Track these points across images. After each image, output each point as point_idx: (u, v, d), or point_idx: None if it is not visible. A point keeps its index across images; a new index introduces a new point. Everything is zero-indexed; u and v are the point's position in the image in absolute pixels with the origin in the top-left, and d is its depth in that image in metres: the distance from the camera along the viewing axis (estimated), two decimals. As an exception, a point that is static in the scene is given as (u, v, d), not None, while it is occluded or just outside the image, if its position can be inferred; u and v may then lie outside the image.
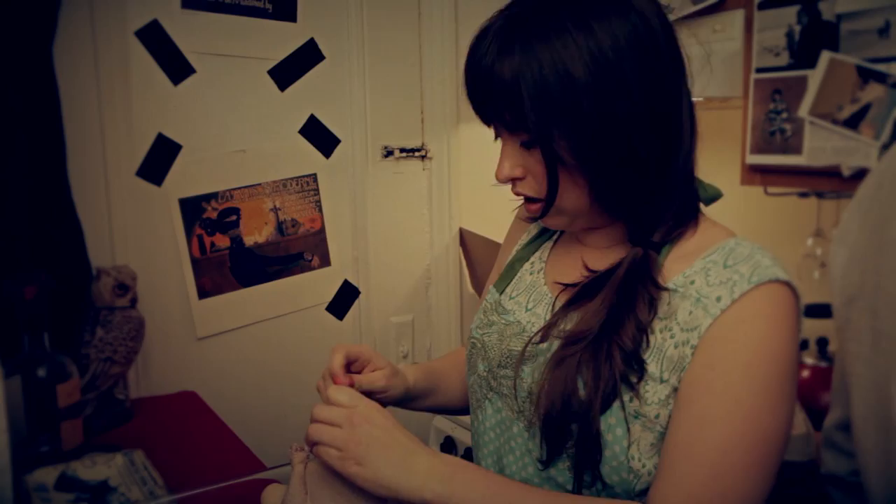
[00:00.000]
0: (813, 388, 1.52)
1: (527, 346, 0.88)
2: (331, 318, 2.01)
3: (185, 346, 1.80)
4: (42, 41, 1.49)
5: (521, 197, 0.89)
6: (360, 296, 2.05)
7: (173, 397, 1.68)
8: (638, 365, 0.79)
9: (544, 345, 0.87)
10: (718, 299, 0.78)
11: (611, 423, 0.79)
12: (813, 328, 1.54)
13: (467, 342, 1.01)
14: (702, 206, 0.89)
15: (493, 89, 0.81)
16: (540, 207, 0.87)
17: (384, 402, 1.01)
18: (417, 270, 2.15)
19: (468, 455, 1.43)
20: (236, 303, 1.85)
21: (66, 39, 1.55)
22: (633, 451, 0.79)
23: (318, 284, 1.98)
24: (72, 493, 1.13)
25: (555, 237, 1.02)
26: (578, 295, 0.87)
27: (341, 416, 0.81)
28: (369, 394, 0.96)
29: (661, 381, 0.79)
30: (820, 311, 1.52)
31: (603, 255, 0.91)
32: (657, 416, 0.79)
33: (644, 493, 0.81)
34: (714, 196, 0.90)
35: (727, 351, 0.77)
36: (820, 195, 1.58)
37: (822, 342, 1.59)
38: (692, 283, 0.81)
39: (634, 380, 0.79)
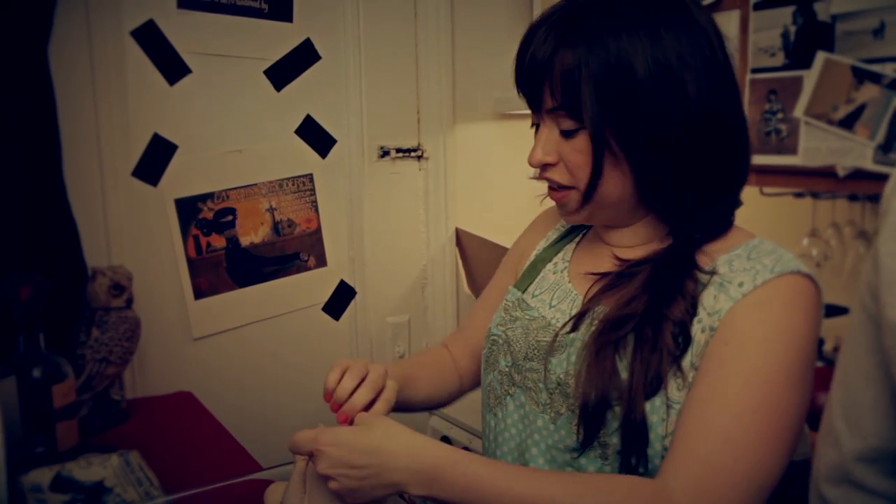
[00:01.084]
0: (808, 388, 1.52)
1: (557, 335, 0.89)
2: (327, 318, 2.01)
3: (181, 346, 1.79)
4: (37, 41, 1.49)
5: (549, 183, 0.90)
6: (357, 296, 2.05)
7: (169, 398, 1.68)
8: (685, 340, 0.81)
9: (574, 334, 0.88)
10: (741, 284, 0.81)
11: (655, 405, 0.80)
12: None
13: (485, 341, 1.01)
14: None
15: (551, 74, 0.83)
16: (565, 195, 0.89)
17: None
18: (414, 271, 2.14)
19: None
20: (232, 303, 1.85)
21: (62, 39, 1.55)
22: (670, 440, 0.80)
23: (315, 285, 1.98)
24: (67, 494, 1.13)
25: (577, 239, 1.03)
26: (613, 282, 0.89)
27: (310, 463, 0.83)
28: None
29: (693, 368, 0.81)
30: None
31: (630, 252, 0.93)
32: None
33: None
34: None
35: (744, 327, 0.79)
36: (815, 195, 1.59)
37: (818, 342, 1.59)
38: (716, 272, 0.84)
39: (678, 354, 0.80)
